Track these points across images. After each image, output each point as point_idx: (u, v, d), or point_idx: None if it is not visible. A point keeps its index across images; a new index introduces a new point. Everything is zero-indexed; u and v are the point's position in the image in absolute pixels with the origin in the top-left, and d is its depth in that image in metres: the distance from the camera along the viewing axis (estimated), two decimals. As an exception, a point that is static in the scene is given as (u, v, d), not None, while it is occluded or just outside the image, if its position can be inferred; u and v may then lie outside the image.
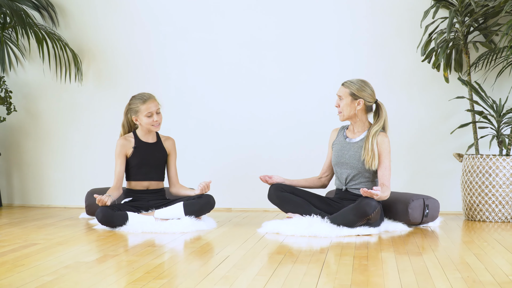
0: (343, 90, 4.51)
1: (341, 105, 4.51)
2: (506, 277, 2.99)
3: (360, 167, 4.46)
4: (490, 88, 5.44)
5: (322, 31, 5.66)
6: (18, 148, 6.02)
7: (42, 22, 5.91)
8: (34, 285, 2.76)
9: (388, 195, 4.40)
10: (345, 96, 4.49)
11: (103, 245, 3.82)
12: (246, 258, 3.41)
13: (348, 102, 4.48)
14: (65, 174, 5.96)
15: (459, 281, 2.89)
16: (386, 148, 4.43)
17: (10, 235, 4.19)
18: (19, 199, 6.05)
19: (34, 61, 5.96)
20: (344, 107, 4.49)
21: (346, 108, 4.49)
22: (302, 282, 2.85)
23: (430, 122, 5.56)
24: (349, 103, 4.48)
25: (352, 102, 4.48)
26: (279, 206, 4.58)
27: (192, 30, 5.78)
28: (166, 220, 4.51)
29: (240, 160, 5.76)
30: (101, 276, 2.97)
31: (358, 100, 4.47)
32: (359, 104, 4.48)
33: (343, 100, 4.49)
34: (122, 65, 5.87)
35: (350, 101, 4.48)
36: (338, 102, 4.52)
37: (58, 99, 5.94)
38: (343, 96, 4.50)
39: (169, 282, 2.83)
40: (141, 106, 4.65)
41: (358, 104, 4.48)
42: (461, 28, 5.21)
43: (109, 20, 5.87)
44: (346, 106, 4.49)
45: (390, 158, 4.48)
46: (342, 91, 4.51)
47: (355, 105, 4.48)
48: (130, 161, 4.69)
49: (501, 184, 5.00)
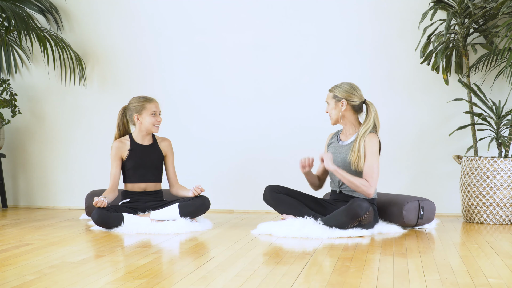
0: (328, 94, 4.58)
1: (328, 110, 4.57)
2: (485, 279, 2.99)
3: (351, 170, 4.45)
4: (489, 90, 5.42)
5: (327, 35, 5.67)
6: (23, 150, 6.11)
7: (47, 26, 5.99)
8: (14, 284, 2.81)
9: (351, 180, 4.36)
10: (330, 99, 4.55)
11: (94, 246, 3.87)
12: (231, 259, 3.43)
13: (333, 105, 4.53)
14: (69, 175, 6.03)
15: (435, 282, 2.89)
16: (372, 146, 4.41)
17: (7, 236, 4.25)
18: (25, 201, 6.13)
19: (39, 64, 6.04)
20: (330, 111, 4.55)
21: (332, 112, 4.54)
22: (278, 283, 2.87)
23: (431, 124, 5.55)
24: (333, 106, 4.53)
25: (336, 105, 4.52)
26: (274, 207, 4.60)
27: (194, 34, 5.82)
28: (161, 221, 4.55)
29: (242, 162, 5.80)
30: (82, 275, 3.01)
31: (341, 101, 4.50)
32: (342, 104, 4.50)
33: (329, 105, 4.55)
34: (126, 68, 5.93)
35: (334, 104, 4.52)
36: (327, 108, 4.58)
37: (63, 102, 6.02)
38: (328, 101, 4.56)
39: (147, 282, 2.87)
40: (147, 104, 4.71)
41: (342, 105, 4.51)
42: (460, 30, 5.20)
43: (112, 23, 5.94)
44: (332, 109, 4.54)
45: (377, 156, 4.42)
46: (328, 96, 4.58)
47: (339, 106, 4.51)
48: (126, 163, 4.75)
49: (498, 186, 4.98)
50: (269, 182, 5.44)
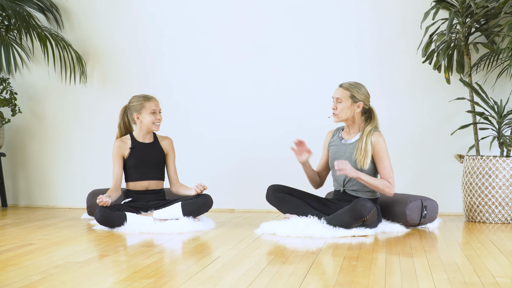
0: (343, 92, 4.43)
1: (339, 108, 4.44)
2: (493, 278, 2.99)
3: (356, 168, 4.43)
4: (491, 89, 5.42)
5: (327, 34, 5.67)
6: (23, 149, 6.09)
7: (47, 24, 5.97)
8: (21, 284, 2.80)
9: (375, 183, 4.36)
10: (345, 98, 4.41)
11: (98, 245, 3.86)
12: (237, 259, 3.42)
13: (348, 105, 4.42)
14: (69, 175, 6.01)
15: (443, 282, 2.89)
16: (382, 147, 4.41)
17: (9, 235, 4.23)
18: (25, 200, 6.11)
19: (39, 63, 6.02)
20: (342, 110, 4.42)
21: (345, 111, 4.42)
22: (286, 282, 2.86)
23: (432, 123, 5.55)
24: (349, 105, 4.42)
25: (352, 105, 4.42)
26: (277, 207, 4.59)
27: (196, 33, 5.81)
28: (164, 221, 4.54)
29: (243, 161, 5.78)
30: (88, 275, 3.00)
31: (358, 103, 4.43)
32: (358, 107, 4.43)
33: (342, 103, 4.42)
34: (126, 67, 5.92)
35: (350, 104, 4.42)
36: (336, 105, 4.45)
37: (63, 101, 6.00)
38: (342, 99, 4.42)
39: (155, 282, 2.85)
40: (146, 103, 4.70)
41: (358, 107, 4.44)
42: (462, 29, 5.20)
43: (113, 22, 5.92)
44: (346, 108, 4.42)
45: (389, 155, 4.44)
46: (342, 93, 4.43)
47: (354, 108, 4.43)
48: (127, 162, 4.73)
49: (501, 186, 4.98)
50: (270, 181, 5.42)
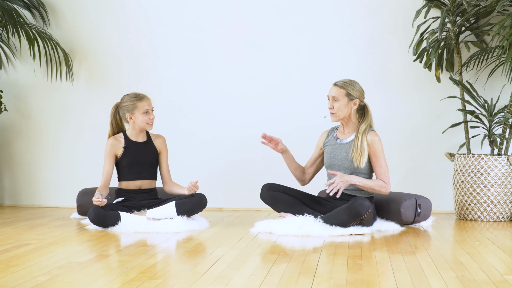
0: (338, 90, 4.40)
1: (336, 107, 4.40)
2: (501, 276, 3.00)
3: (353, 168, 4.42)
4: (481, 87, 5.46)
5: (320, 31, 5.65)
6: (8, 148, 5.99)
7: (33, 22, 5.88)
8: (29, 285, 2.74)
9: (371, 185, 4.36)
10: (341, 97, 4.38)
11: (96, 245, 3.81)
12: (240, 258, 3.40)
13: (344, 103, 4.39)
14: (56, 174, 5.93)
15: (453, 280, 2.89)
16: (378, 147, 4.40)
17: (2, 235, 4.16)
18: (10, 199, 6.02)
19: (25, 60, 5.93)
20: (340, 108, 4.39)
21: (342, 109, 4.39)
22: (297, 282, 2.84)
23: (423, 122, 5.57)
24: (345, 103, 4.39)
25: (348, 103, 4.40)
26: (272, 206, 4.56)
27: (185, 31, 5.76)
28: (158, 220, 4.50)
29: (234, 160, 5.75)
30: (95, 276, 2.95)
31: (354, 100, 4.41)
32: (355, 104, 4.41)
33: (339, 101, 4.38)
34: (114, 64, 5.85)
35: (346, 102, 4.39)
36: (332, 104, 4.41)
37: (49, 99, 5.92)
38: (338, 97, 4.38)
39: (164, 282, 2.82)
40: (138, 103, 4.64)
41: (354, 104, 4.42)
42: (452, 28, 5.23)
43: (100, 19, 5.85)
44: (342, 107, 4.39)
45: (384, 155, 4.44)
46: (337, 91, 4.40)
47: (351, 105, 4.41)
48: (121, 161, 4.68)
49: (492, 184, 5.02)
50: (261, 179, 5.38)
